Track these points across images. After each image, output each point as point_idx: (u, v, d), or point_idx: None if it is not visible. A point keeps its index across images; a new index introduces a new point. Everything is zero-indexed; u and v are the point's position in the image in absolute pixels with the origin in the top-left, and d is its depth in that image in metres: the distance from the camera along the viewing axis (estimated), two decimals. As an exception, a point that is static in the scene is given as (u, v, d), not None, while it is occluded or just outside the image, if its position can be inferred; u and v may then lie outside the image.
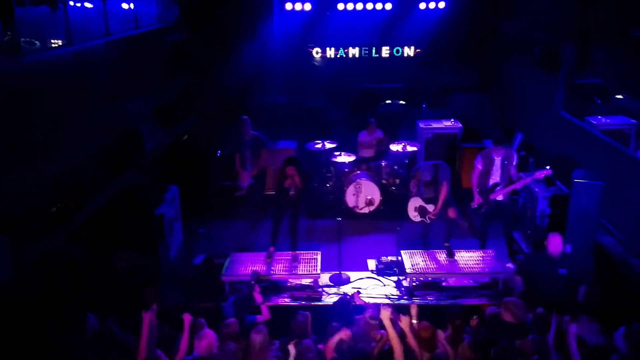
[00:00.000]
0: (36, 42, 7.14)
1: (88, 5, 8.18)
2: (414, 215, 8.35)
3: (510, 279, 7.16)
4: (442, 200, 8.01)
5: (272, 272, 7.67)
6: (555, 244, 6.31)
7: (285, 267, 7.78)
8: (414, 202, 8.32)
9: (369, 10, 12.01)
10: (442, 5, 11.77)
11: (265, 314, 6.26)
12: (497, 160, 7.83)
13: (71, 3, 7.33)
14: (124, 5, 9.34)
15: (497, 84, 11.76)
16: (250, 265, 7.70)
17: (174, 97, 10.16)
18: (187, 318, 5.50)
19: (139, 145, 8.70)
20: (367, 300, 7.00)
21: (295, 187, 7.94)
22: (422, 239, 8.35)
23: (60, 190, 6.27)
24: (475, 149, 9.51)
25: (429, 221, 8.16)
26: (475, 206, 8.09)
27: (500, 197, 7.90)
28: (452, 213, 8.01)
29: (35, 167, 5.85)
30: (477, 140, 10.43)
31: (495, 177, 7.90)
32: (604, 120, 8.78)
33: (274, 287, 7.65)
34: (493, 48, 11.64)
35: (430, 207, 8.14)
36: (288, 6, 11.98)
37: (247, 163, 9.13)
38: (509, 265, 7.84)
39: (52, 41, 7.47)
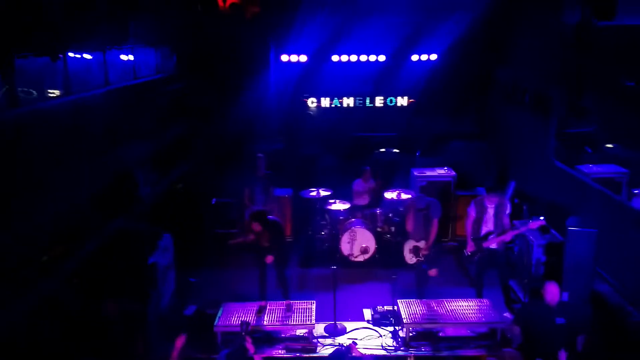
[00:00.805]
0: (33, 92, 7.25)
1: (87, 56, 8.34)
2: (410, 257, 8.45)
3: (508, 329, 7.06)
4: (433, 235, 8.21)
5: (265, 322, 7.54)
6: (552, 292, 6.25)
7: (279, 317, 7.65)
8: (408, 245, 8.48)
9: (363, 62, 12.29)
10: (434, 57, 12.06)
11: (259, 366, 6.13)
12: (490, 209, 7.88)
13: (71, 54, 7.46)
14: (123, 57, 9.52)
15: (491, 132, 11.94)
16: (244, 315, 7.57)
17: (171, 145, 10.24)
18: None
19: (134, 192, 8.71)
20: (363, 351, 6.86)
21: (265, 240, 7.91)
22: (418, 289, 8.27)
23: (52, 237, 6.23)
24: (469, 197, 9.55)
25: (423, 259, 8.26)
26: (469, 254, 8.08)
27: (493, 245, 7.90)
28: (432, 272, 8.13)
29: (27, 215, 5.83)
30: (471, 188, 10.48)
31: (488, 225, 7.92)
32: (595, 168, 8.87)
33: (268, 338, 7.51)
34: (486, 97, 11.87)
35: (421, 244, 8.29)
36: (283, 58, 12.24)
37: (257, 199, 9.56)
38: (507, 314, 7.76)
39: (50, 91, 7.60)
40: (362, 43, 12.14)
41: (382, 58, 12.17)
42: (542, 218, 7.57)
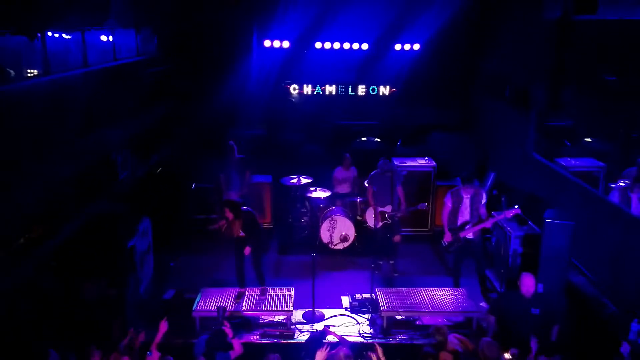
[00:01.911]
0: (11, 71, 7.09)
1: (66, 36, 8.17)
2: (373, 222, 8.90)
3: (484, 318, 7.17)
4: (403, 197, 8.94)
5: (243, 308, 7.54)
6: (527, 284, 6.36)
7: (257, 303, 7.65)
8: (370, 212, 9.17)
9: (346, 50, 12.23)
10: (417, 47, 12.06)
11: (237, 350, 6.13)
12: (466, 199, 7.96)
13: (49, 34, 7.30)
14: (103, 38, 9.35)
15: (472, 123, 12.02)
16: (222, 300, 7.55)
17: (151, 129, 10.11)
18: (155, 355, 5.35)
19: (112, 174, 8.59)
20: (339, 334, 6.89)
21: (237, 229, 7.83)
22: (385, 258, 8.88)
23: (29, 219, 6.12)
24: (449, 187, 9.62)
25: (389, 221, 8.76)
26: (446, 244, 8.17)
27: (470, 235, 7.99)
28: (397, 238, 8.88)
29: (4, 196, 5.71)
30: (452, 178, 10.57)
31: (464, 215, 8.00)
32: (573, 162, 9.00)
33: (246, 323, 7.51)
34: (468, 88, 11.94)
35: (387, 208, 8.74)
36: (266, 43, 12.13)
37: (233, 183, 9.51)
38: (483, 304, 7.87)
39: (29, 71, 7.43)
40: (345, 30, 12.08)
41: (365, 46, 12.12)
42: (517, 207, 7.65)
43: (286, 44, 12.17)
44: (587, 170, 8.81)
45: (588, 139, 9.96)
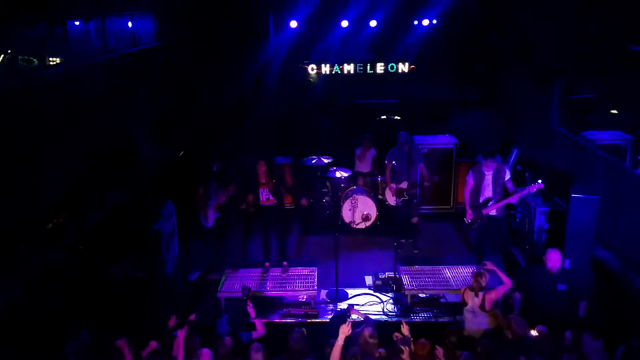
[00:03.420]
0: (34, 60, 7.16)
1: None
2: (393, 199, 9.00)
3: (509, 295, 7.11)
4: (426, 174, 8.93)
5: (267, 288, 7.60)
6: (554, 259, 6.28)
7: (281, 283, 7.71)
8: (389, 190, 9.20)
9: (363, 28, 12.08)
10: (435, 22, 11.85)
11: (259, 330, 6.21)
12: (488, 175, 7.83)
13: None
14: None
15: (494, 98, 11.81)
16: (247, 281, 7.62)
17: (171, 114, 10.15)
18: (181, 335, 5.44)
19: (136, 160, 8.67)
20: (363, 313, 6.92)
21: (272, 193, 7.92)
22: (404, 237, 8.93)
23: (55, 205, 6.22)
24: (471, 164, 9.51)
25: (407, 197, 8.79)
26: (469, 221, 8.08)
27: (493, 212, 7.88)
28: (414, 220, 8.98)
29: (31, 183, 5.81)
30: (474, 155, 10.43)
31: (487, 192, 7.89)
32: (599, 135, 8.81)
33: (270, 303, 7.58)
34: (489, 63, 11.70)
35: (403, 185, 8.81)
36: (283, 23, 12.04)
37: (211, 195, 8.41)
38: (509, 280, 7.80)
39: (51, 59, 7.51)
40: (362, 8, 11.93)
41: (382, 23, 11.96)
42: (540, 181, 7.51)
43: (303, 24, 12.07)
44: (613, 143, 8.63)
45: (614, 111, 9.73)
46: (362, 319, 6.46)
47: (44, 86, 6.64)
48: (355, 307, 7.23)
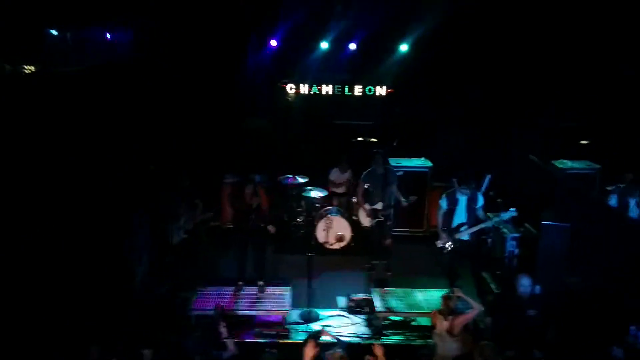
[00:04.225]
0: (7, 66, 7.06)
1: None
2: (367, 220, 8.93)
3: (481, 320, 7.17)
4: (399, 196, 8.85)
5: (239, 307, 7.51)
6: (524, 284, 6.36)
7: (254, 302, 7.62)
8: (363, 211, 9.10)
9: (342, 50, 12.21)
10: (410, 47, 12.02)
11: (231, 350, 6.11)
12: (462, 200, 7.93)
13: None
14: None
15: (469, 125, 11.98)
16: (219, 299, 7.52)
17: (147, 127, 10.06)
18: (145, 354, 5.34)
19: (109, 171, 8.56)
20: (335, 334, 6.87)
21: (258, 209, 7.85)
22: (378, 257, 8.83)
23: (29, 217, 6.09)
24: (445, 188, 9.60)
25: (382, 218, 8.68)
26: (441, 245, 8.13)
27: (466, 237, 7.97)
28: (388, 242, 8.86)
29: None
30: (448, 179, 10.55)
31: (460, 217, 7.97)
32: (570, 163, 9.02)
33: (241, 322, 7.48)
34: (465, 89, 11.90)
35: (378, 205, 8.68)
36: (262, 41, 12.08)
37: (179, 215, 8.26)
38: (478, 305, 7.85)
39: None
40: (342, 30, 12.06)
41: (361, 46, 12.11)
42: (513, 209, 7.64)
43: (282, 44, 12.13)
44: (583, 172, 8.84)
45: (584, 141, 10.00)
46: (334, 340, 6.41)
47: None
48: (327, 328, 7.19)
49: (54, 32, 8.03)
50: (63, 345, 5.45)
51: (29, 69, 7.28)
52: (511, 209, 7.68)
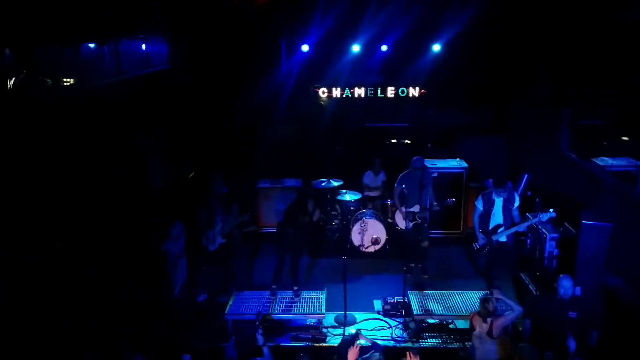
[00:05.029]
0: (48, 80, 7.28)
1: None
2: (402, 223, 8.92)
3: (520, 322, 7.03)
4: (434, 197, 8.85)
5: (276, 311, 7.56)
6: (565, 286, 6.21)
7: (289, 306, 7.67)
8: (399, 214, 9.18)
9: (375, 52, 12.18)
10: (445, 47, 11.91)
11: (267, 357, 6.15)
12: (498, 202, 7.81)
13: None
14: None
15: (504, 123, 11.79)
16: (255, 304, 7.60)
17: (182, 136, 10.24)
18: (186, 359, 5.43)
19: (145, 180, 8.73)
20: (371, 338, 6.85)
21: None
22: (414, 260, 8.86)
23: (64, 225, 6.26)
24: (481, 189, 9.47)
25: (419, 221, 8.69)
26: (478, 247, 8.03)
27: (503, 239, 7.84)
28: (425, 244, 8.86)
29: (36, 202, 5.86)
30: (483, 180, 10.40)
31: (497, 218, 7.86)
32: (610, 161, 8.77)
33: (277, 326, 7.53)
34: (499, 88, 11.72)
35: (415, 208, 8.66)
36: (294, 47, 12.17)
37: (216, 220, 8.31)
38: (518, 307, 7.71)
39: (65, 80, 7.63)
40: (374, 32, 12.02)
41: (393, 48, 12.05)
42: (552, 210, 7.48)
43: (314, 48, 12.19)
44: (624, 170, 8.58)
45: (625, 138, 9.69)
46: (369, 344, 6.39)
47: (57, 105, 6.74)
48: (363, 332, 7.17)
49: (91, 45, 8.23)
50: (102, 354, 5.57)
51: (67, 81, 7.50)
52: (550, 209, 7.52)
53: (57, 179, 6.15)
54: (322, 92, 12.63)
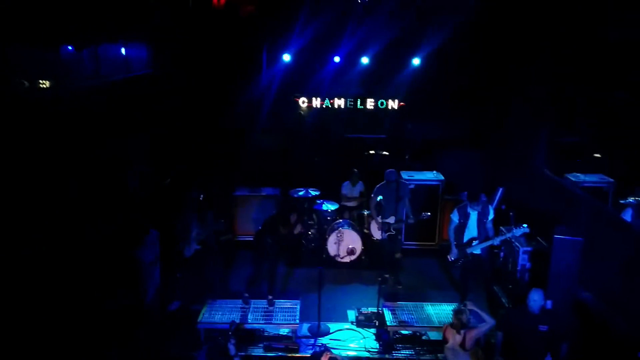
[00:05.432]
0: (25, 82, 7.20)
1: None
2: (378, 233, 9.06)
3: (492, 335, 7.07)
4: (410, 210, 8.92)
5: (249, 320, 7.50)
6: (535, 299, 6.28)
7: (263, 315, 7.62)
8: (375, 224, 9.23)
9: (355, 64, 12.27)
10: (424, 61, 12.04)
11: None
12: (473, 215, 7.90)
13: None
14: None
15: (481, 138, 11.95)
16: (228, 312, 7.53)
17: (162, 142, 10.16)
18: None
19: (122, 187, 8.64)
20: (337, 353, 6.85)
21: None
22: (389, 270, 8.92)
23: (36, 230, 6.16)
24: (457, 202, 9.57)
25: (393, 232, 8.79)
26: (453, 259, 8.09)
27: (477, 251, 7.92)
28: (398, 255, 9.05)
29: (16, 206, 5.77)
30: (459, 193, 10.51)
31: (472, 231, 7.94)
32: (583, 177, 8.94)
33: (251, 336, 7.47)
34: (477, 103, 11.88)
35: (391, 220, 8.75)
36: (275, 56, 12.19)
37: (192, 226, 8.21)
38: (491, 319, 7.77)
39: (41, 82, 7.54)
40: (355, 45, 12.12)
41: (373, 60, 12.16)
42: (525, 226, 7.59)
43: (295, 58, 12.23)
44: (596, 186, 8.74)
45: (597, 155, 9.89)
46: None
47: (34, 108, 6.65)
48: (335, 342, 7.16)
49: (70, 48, 8.15)
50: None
51: (44, 84, 7.41)
52: (523, 225, 7.62)
53: (29, 182, 6.05)
54: (302, 102, 12.67)
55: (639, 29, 8.02)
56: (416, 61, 12.08)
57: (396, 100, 12.51)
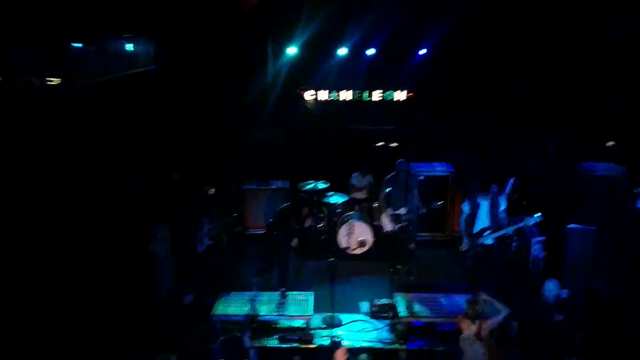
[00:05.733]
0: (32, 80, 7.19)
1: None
2: (389, 225, 9.02)
3: (506, 325, 7.07)
4: (420, 200, 8.90)
5: (263, 312, 7.51)
6: (550, 289, 6.27)
7: (277, 307, 7.63)
8: (386, 217, 9.12)
9: (361, 55, 12.22)
10: (431, 51, 11.97)
11: (253, 358, 6.13)
12: (484, 205, 7.86)
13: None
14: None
15: (492, 128, 11.89)
16: (242, 305, 7.54)
17: (168, 137, 10.15)
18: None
19: (129, 184, 8.65)
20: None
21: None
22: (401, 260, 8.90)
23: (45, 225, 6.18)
24: (467, 192, 9.51)
25: (406, 223, 8.69)
26: (464, 249, 8.07)
27: (489, 242, 7.89)
28: (412, 247, 9.06)
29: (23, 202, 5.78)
30: (469, 184, 10.45)
31: (483, 221, 7.90)
32: (596, 166, 8.88)
33: (264, 328, 7.48)
34: (487, 93, 11.82)
35: (401, 211, 8.70)
36: (281, 50, 12.15)
37: (203, 222, 8.26)
38: (505, 309, 7.75)
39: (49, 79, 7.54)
40: (361, 36, 12.07)
41: (380, 51, 12.11)
42: (538, 215, 7.54)
43: (301, 51, 12.18)
44: (609, 175, 8.69)
45: (610, 143, 9.83)
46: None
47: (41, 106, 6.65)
48: (350, 333, 7.19)
49: (77, 45, 8.13)
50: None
51: (52, 81, 7.41)
52: (536, 213, 7.58)
53: (41, 179, 6.06)
54: (309, 95, 12.63)
55: (639, 29, 7.98)
56: (423, 51, 12.00)
57: (404, 92, 12.45)
